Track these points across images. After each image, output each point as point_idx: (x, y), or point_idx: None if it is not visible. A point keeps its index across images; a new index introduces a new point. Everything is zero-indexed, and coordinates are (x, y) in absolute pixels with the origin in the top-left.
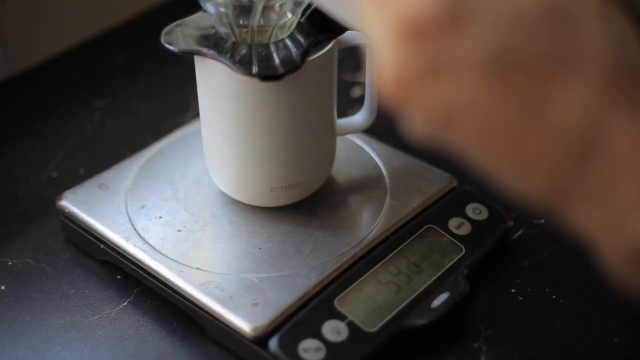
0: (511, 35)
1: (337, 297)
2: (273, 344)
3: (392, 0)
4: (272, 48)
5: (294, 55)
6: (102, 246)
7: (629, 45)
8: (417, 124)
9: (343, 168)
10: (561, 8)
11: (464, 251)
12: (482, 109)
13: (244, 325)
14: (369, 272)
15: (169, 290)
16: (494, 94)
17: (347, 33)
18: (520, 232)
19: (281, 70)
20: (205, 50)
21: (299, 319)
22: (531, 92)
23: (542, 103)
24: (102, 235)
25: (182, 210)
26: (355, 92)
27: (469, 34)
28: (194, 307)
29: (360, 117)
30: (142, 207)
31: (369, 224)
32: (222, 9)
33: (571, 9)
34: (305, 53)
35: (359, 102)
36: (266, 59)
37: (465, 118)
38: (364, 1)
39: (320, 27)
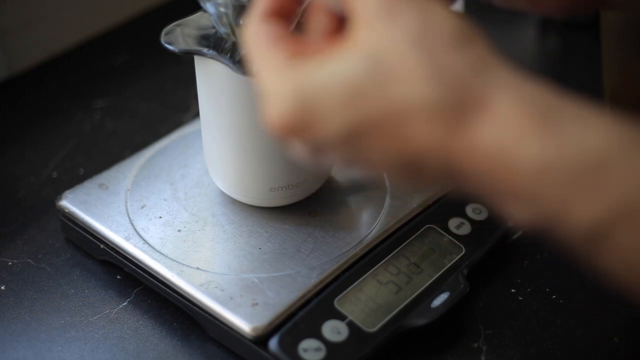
0: (348, 109)
1: (337, 297)
2: (273, 344)
3: (263, 103)
4: None
5: None
6: (102, 246)
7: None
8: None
9: (343, 168)
10: (380, 66)
11: (464, 251)
12: (365, 159)
13: (244, 325)
14: (369, 272)
15: (169, 290)
16: (365, 149)
17: None
18: (520, 232)
19: None
20: (205, 50)
21: (299, 319)
22: (388, 141)
23: (401, 145)
24: (102, 235)
25: (182, 210)
26: None
27: (320, 122)
28: (194, 307)
29: None
30: (142, 207)
31: (369, 224)
32: (222, 9)
33: (387, 62)
34: None
35: None
36: None
37: (355, 164)
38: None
39: None
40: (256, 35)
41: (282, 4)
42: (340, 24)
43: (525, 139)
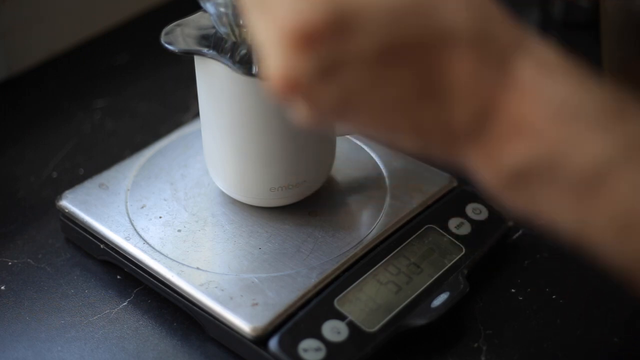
0: (392, 26)
1: (337, 297)
2: (273, 344)
3: (274, 9)
4: None
5: None
6: (102, 246)
7: (490, 18)
8: (306, 113)
9: (343, 168)
10: None
11: (464, 251)
12: (380, 93)
13: (244, 325)
14: (369, 272)
15: (169, 290)
16: (389, 77)
17: None
18: (520, 232)
19: None
20: (205, 50)
21: (299, 319)
22: (420, 68)
23: (432, 75)
24: (102, 235)
25: (182, 210)
26: None
27: (355, 35)
28: (194, 307)
29: None
30: (142, 207)
31: (369, 224)
32: (222, 9)
33: None
34: None
35: None
36: None
37: (364, 104)
38: (248, 5)
39: None
40: None
41: None
42: None
43: (557, 77)
